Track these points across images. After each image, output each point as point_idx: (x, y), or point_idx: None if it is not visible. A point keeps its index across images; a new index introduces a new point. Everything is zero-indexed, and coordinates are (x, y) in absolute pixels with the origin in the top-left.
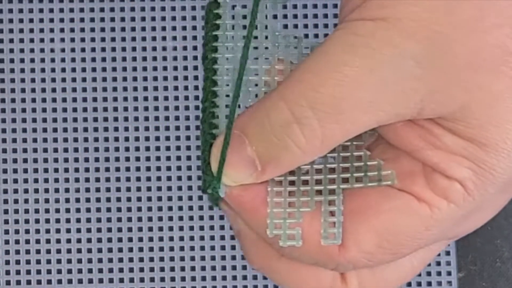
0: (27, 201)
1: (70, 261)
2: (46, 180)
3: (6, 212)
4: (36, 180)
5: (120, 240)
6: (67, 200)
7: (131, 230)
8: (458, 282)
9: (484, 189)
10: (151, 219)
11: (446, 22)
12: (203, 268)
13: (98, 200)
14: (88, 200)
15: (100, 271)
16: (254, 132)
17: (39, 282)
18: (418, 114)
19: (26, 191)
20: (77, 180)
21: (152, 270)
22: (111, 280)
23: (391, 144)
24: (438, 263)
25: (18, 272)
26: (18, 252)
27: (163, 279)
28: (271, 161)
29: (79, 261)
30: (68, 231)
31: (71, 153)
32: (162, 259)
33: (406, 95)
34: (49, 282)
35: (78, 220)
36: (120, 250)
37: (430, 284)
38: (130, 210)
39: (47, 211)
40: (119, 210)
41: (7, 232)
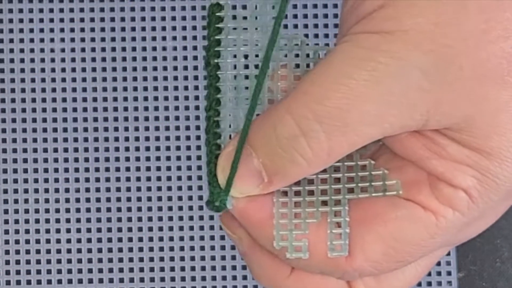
0: (27, 201)
1: (70, 261)
2: (46, 180)
3: (6, 212)
4: (36, 180)
5: (120, 240)
6: (67, 200)
7: (131, 230)
8: (458, 282)
9: (488, 197)
10: (151, 219)
11: (452, 34)
12: (203, 268)
13: (98, 200)
14: (88, 200)
15: (100, 271)
16: (261, 144)
17: (39, 282)
18: (424, 125)
19: (26, 191)
20: (77, 180)
21: (152, 270)
22: (111, 280)
23: (395, 154)
24: (438, 263)
25: (18, 272)
26: (18, 252)
27: (163, 279)
28: (277, 173)
29: (79, 261)
30: (68, 231)
31: (71, 153)
32: (162, 259)
33: (412, 107)
34: (49, 282)
35: (78, 220)
36: (120, 250)
37: (430, 284)
38: (130, 210)
39: (47, 211)
40: (119, 210)
41: (7, 232)
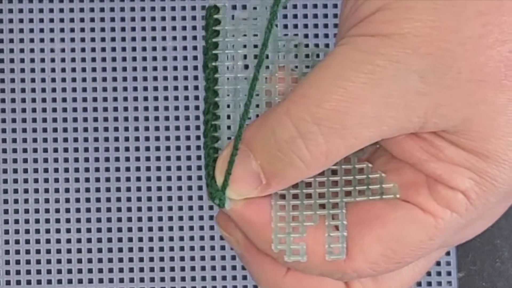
0: (27, 201)
1: (70, 261)
2: (46, 180)
3: (6, 212)
4: (36, 180)
5: (120, 240)
6: (67, 200)
7: (131, 230)
8: (458, 282)
9: (486, 199)
10: (151, 219)
11: (450, 38)
12: (203, 268)
13: (98, 200)
14: (88, 200)
15: (100, 271)
16: (259, 147)
17: (39, 282)
18: (421, 128)
19: (26, 191)
20: (77, 180)
21: (152, 270)
22: (111, 280)
23: (393, 156)
24: (438, 263)
25: (18, 272)
26: (18, 252)
27: (163, 279)
28: (275, 175)
29: (79, 261)
30: (68, 231)
31: (71, 153)
32: (162, 259)
33: (410, 110)
34: (49, 282)
35: (78, 220)
36: (120, 250)
37: (430, 284)
38: (130, 210)
39: (47, 211)
40: (119, 210)
41: (7, 232)
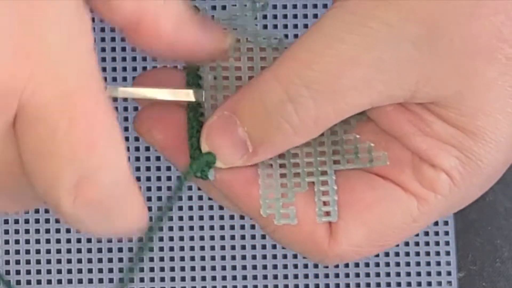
0: None
1: (70, 261)
2: None
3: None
4: None
5: (120, 240)
6: None
7: None
8: (458, 282)
9: (470, 180)
10: (151, 219)
11: (445, 6)
12: (203, 268)
13: None
14: None
15: (100, 271)
16: (246, 112)
17: (39, 282)
18: (412, 97)
19: None
20: None
21: (152, 270)
22: (111, 280)
23: (381, 130)
24: (438, 263)
25: (18, 272)
26: (18, 252)
27: (163, 279)
28: (263, 142)
29: (79, 261)
30: (68, 231)
31: None
32: (162, 259)
33: (402, 76)
34: (49, 282)
35: None
36: (120, 250)
37: (430, 284)
38: None
39: (47, 211)
40: None
41: (7, 232)
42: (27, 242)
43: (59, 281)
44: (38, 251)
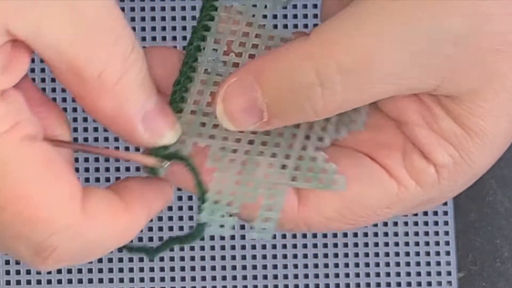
0: None
1: None
2: None
3: None
4: None
5: None
6: None
7: None
8: (458, 282)
9: (455, 180)
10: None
11: (487, 3)
12: (203, 268)
13: None
14: None
15: (100, 271)
16: (272, 85)
17: (39, 282)
18: (434, 90)
19: None
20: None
21: (152, 270)
22: (111, 280)
23: (377, 108)
24: (438, 263)
25: (18, 272)
26: None
27: (163, 279)
28: (279, 115)
29: None
30: None
31: None
32: (162, 259)
33: (431, 71)
34: (49, 282)
35: None
36: (120, 250)
37: (430, 284)
38: None
39: None
40: None
41: None
42: None
43: (59, 281)
44: None
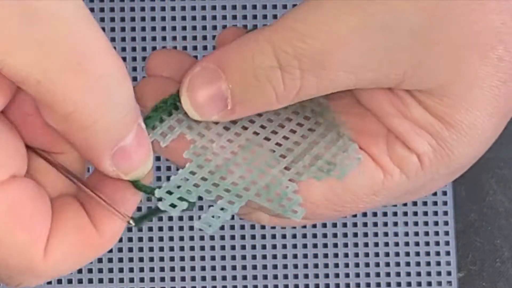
0: None
1: None
2: None
3: None
4: None
5: (120, 240)
6: None
7: (131, 230)
8: (458, 282)
9: (437, 168)
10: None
11: None
12: (203, 268)
13: None
14: None
15: (100, 271)
16: (235, 70)
17: None
18: (396, 85)
19: None
20: None
21: (152, 270)
22: (111, 280)
23: (358, 102)
24: (438, 263)
25: None
26: None
27: (163, 279)
28: (244, 101)
29: None
30: None
31: None
32: (162, 259)
33: (391, 65)
34: (49, 282)
35: None
36: (120, 250)
37: (430, 284)
38: None
39: None
40: None
41: None
42: None
43: (59, 281)
44: None
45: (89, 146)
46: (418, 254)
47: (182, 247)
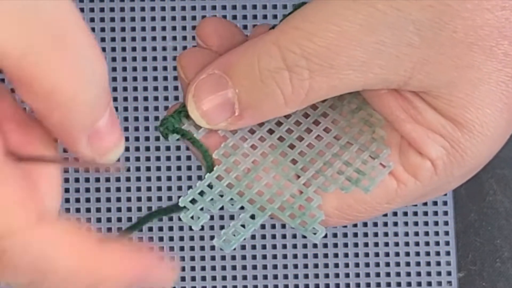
0: None
1: None
2: None
3: None
4: None
5: None
6: (67, 200)
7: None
8: (458, 282)
9: (451, 171)
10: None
11: None
12: (203, 268)
13: (98, 200)
14: (88, 200)
15: None
16: (241, 74)
17: None
18: (405, 83)
19: None
20: (77, 180)
21: None
22: None
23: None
24: (438, 263)
25: None
26: None
27: None
28: (251, 106)
29: None
30: None
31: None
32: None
33: (399, 61)
34: None
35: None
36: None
37: (430, 284)
38: (130, 210)
39: None
40: (119, 210)
41: None
42: None
43: None
44: None
45: (66, 126)
46: (418, 254)
47: (182, 247)
